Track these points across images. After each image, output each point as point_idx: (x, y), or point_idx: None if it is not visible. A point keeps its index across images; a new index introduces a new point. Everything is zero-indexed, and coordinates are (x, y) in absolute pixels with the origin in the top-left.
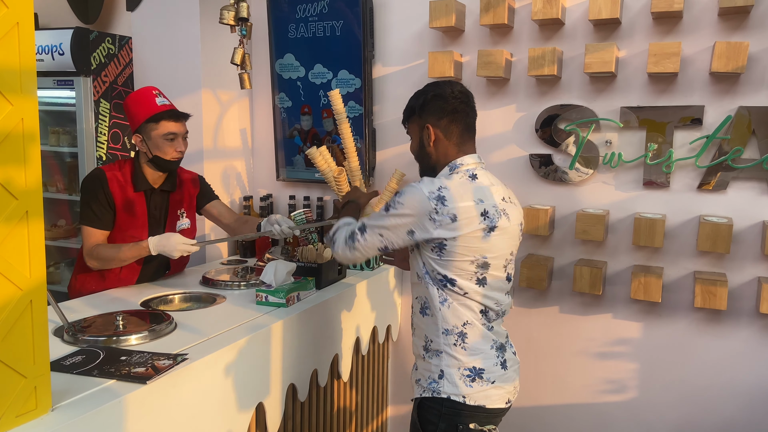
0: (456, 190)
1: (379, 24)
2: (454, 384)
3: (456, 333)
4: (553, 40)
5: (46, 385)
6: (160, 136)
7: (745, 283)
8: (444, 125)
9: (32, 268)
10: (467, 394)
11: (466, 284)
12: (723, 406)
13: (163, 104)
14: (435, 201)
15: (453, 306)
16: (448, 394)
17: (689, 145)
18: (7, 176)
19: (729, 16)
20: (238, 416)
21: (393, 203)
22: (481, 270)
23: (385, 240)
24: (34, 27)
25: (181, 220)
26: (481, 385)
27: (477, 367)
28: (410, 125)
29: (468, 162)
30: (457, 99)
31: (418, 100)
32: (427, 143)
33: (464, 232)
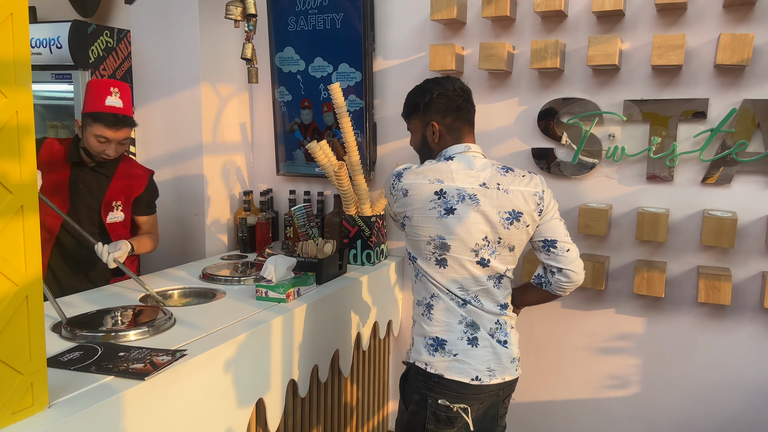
0: (417, 170)
1: (380, 17)
2: (419, 351)
3: (424, 304)
4: (555, 32)
5: (42, 381)
6: (92, 134)
7: (750, 277)
8: (448, 122)
9: (28, 263)
10: (428, 361)
11: (424, 264)
12: (726, 402)
13: (110, 106)
14: (394, 177)
15: (422, 280)
16: (414, 359)
17: (693, 139)
18: (2, 170)
19: (734, 8)
20: (238, 412)
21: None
22: (439, 251)
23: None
24: (32, 20)
25: (114, 212)
26: (443, 355)
27: (439, 338)
28: (413, 121)
29: (454, 150)
30: (460, 96)
31: (422, 97)
32: (432, 139)
33: (415, 207)
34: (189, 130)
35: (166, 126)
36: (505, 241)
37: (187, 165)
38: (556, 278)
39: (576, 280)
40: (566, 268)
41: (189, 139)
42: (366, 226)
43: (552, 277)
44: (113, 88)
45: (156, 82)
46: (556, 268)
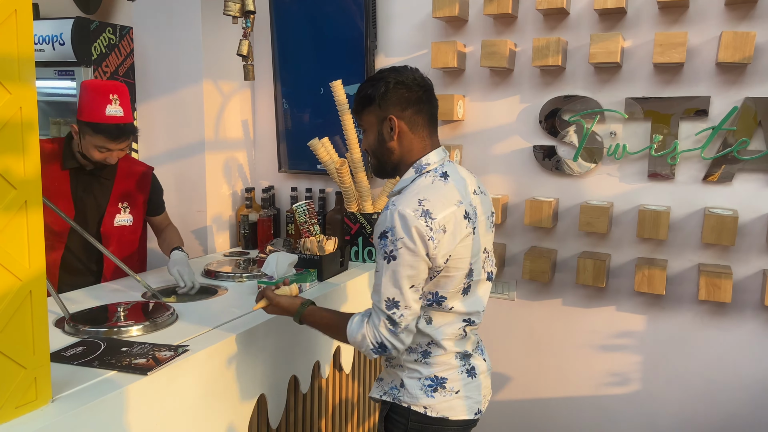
0: (435, 198)
1: (382, 14)
2: (414, 394)
3: (419, 352)
4: (557, 30)
5: (46, 376)
6: (92, 144)
7: (750, 275)
8: (408, 116)
9: (31, 259)
10: (429, 405)
11: (453, 299)
12: (727, 399)
13: (111, 115)
14: (423, 217)
15: (421, 326)
16: (408, 404)
17: (695, 137)
18: (6, 166)
19: (736, 6)
20: (239, 408)
21: (389, 243)
22: (467, 279)
23: (417, 282)
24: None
25: (122, 214)
26: (444, 395)
27: (439, 377)
28: (365, 117)
29: (434, 160)
30: (421, 87)
31: (376, 88)
32: (389, 137)
33: (458, 241)
34: (191, 126)
35: (168, 123)
36: (490, 247)
37: (190, 162)
38: None
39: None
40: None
41: (191, 136)
42: (368, 223)
43: None
44: (113, 95)
45: (158, 79)
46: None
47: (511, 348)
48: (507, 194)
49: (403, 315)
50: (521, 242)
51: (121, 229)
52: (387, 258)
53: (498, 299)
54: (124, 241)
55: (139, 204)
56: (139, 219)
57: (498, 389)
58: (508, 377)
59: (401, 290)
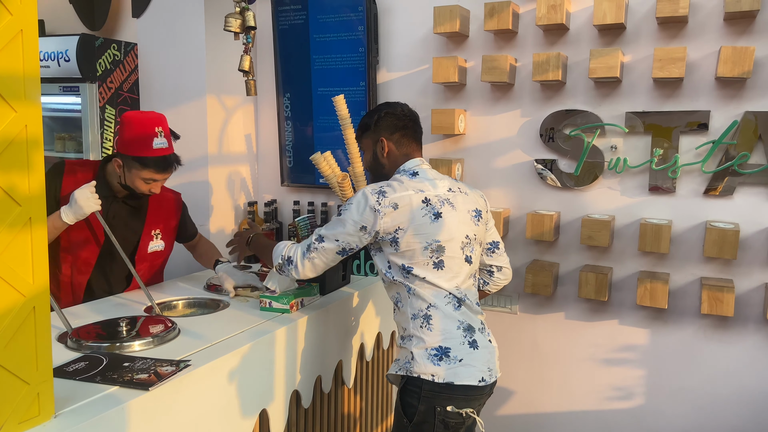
0: (395, 186)
1: (384, 30)
2: (423, 363)
3: (421, 316)
4: (557, 45)
5: (48, 391)
6: (139, 177)
7: (753, 289)
8: (396, 139)
9: (35, 275)
10: (435, 372)
11: (422, 271)
12: (730, 414)
13: (158, 148)
14: (376, 195)
15: (417, 291)
16: (418, 373)
17: (695, 151)
18: (11, 183)
19: (734, 21)
20: (241, 423)
21: (343, 207)
22: (436, 254)
23: (342, 242)
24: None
25: (155, 240)
26: (449, 363)
27: (443, 347)
28: (364, 140)
29: (409, 166)
30: (407, 117)
31: (372, 117)
32: (381, 154)
33: (409, 217)
34: (195, 141)
35: None
36: (477, 237)
37: (193, 175)
38: (497, 276)
39: (510, 275)
40: (505, 266)
41: (195, 150)
42: None
43: (491, 276)
44: (158, 128)
45: (162, 95)
46: (497, 267)
47: (514, 361)
48: (508, 208)
49: (318, 249)
50: (523, 256)
51: (153, 255)
52: (338, 212)
53: (500, 313)
54: (154, 267)
55: (171, 229)
56: (169, 244)
57: (500, 403)
58: (510, 391)
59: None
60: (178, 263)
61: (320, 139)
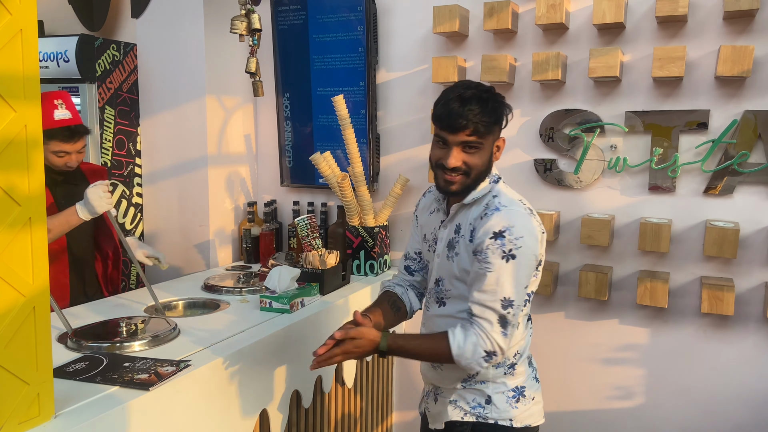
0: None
1: (383, 30)
2: (501, 409)
3: (507, 365)
4: (557, 44)
5: (49, 391)
6: (50, 151)
7: (753, 288)
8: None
9: (35, 275)
10: (514, 416)
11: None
12: (730, 413)
13: (60, 119)
14: (532, 215)
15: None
16: (495, 419)
17: (695, 150)
18: (10, 183)
19: (734, 20)
20: (242, 423)
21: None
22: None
23: (533, 286)
24: (40, 34)
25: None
26: (525, 404)
27: (519, 386)
28: (490, 137)
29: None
30: None
31: (503, 112)
32: (495, 155)
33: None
34: (194, 141)
35: (171, 138)
36: None
37: (192, 176)
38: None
39: None
40: None
41: (194, 151)
42: (369, 237)
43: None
44: (57, 101)
45: (162, 95)
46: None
47: None
48: None
49: (516, 315)
50: None
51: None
52: (506, 257)
53: None
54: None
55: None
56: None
57: None
58: None
59: (517, 289)
60: (177, 264)
61: (320, 139)
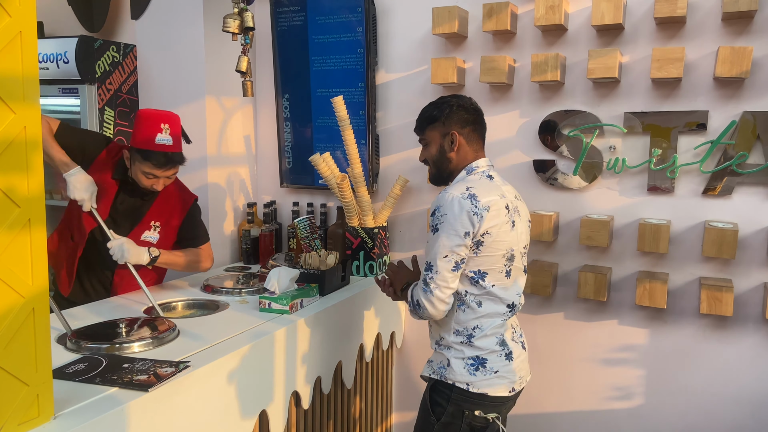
0: (481, 187)
1: (382, 31)
2: (459, 372)
3: (465, 335)
4: (555, 45)
5: (48, 392)
6: (140, 170)
7: (752, 288)
8: (467, 133)
9: (34, 276)
10: (471, 381)
11: (494, 279)
12: (730, 413)
13: (160, 144)
14: (469, 199)
15: (474, 301)
16: (453, 381)
17: (694, 151)
18: (10, 184)
19: (733, 21)
20: (241, 424)
21: (435, 220)
22: (509, 262)
23: (453, 257)
24: (40, 35)
25: (151, 231)
26: (485, 374)
27: (480, 357)
28: (429, 132)
29: (482, 165)
30: (477, 111)
31: (441, 110)
32: (450, 149)
33: (497, 222)
34: (194, 142)
35: None
36: (528, 246)
37: (192, 177)
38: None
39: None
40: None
41: (193, 152)
42: (369, 238)
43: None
44: (164, 125)
45: (161, 96)
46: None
47: None
48: None
49: (433, 278)
50: None
51: (143, 244)
52: (432, 230)
53: None
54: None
55: (171, 227)
56: (166, 240)
57: None
58: None
59: (436, 258)
60: None
61: (319, 140)
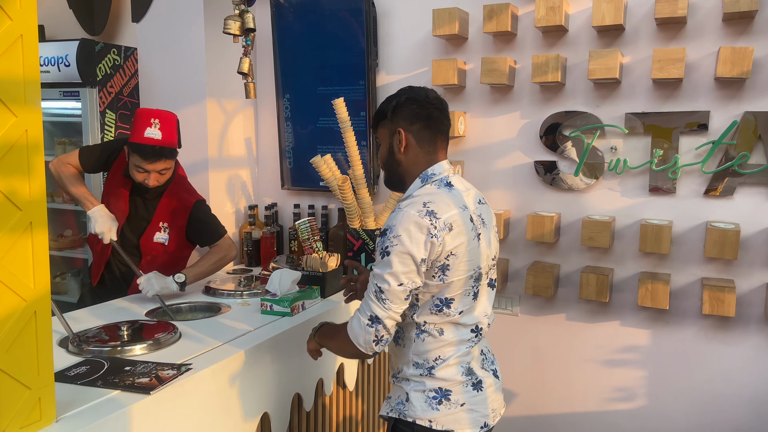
0: (440, 201)
1: (383, 32)
2: (420, 408)
3: (426, 367)
4: (556, 46)
5: (50, 396)
6: (132, 164)
7: (754, 289)
8: (416, 130)
9: (36, 279)
10: (433, 418)
11: (463, 302)
12: (732, 414)
13: (149, 137)
14: (428, 216)
15: (427, 339)
16: (413, 418)
17: (695, 151)
18: (12, 187)
19: (733, 22)
20: (242, 426)
21: (386, 241)
22: (476, 283)
23: (408, 283)
24: (41, 39)
25: (161, 233)
26: (449, 408)
27: (443, 388)
28: (380, 130)
29: (438, 171)
30: (432, 105)
31: (389, 103)
32: (397, 149)
33: (462, 241)
34: (195, 145)
35: None
36: (497, 256)
37: (193, 179)
38: None
39: None
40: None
41: (195, 154)
42: (370, 240)
43: None
44: (154, 119)
45: (163, 99)
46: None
47: (515, 363)
48: (509, 209)
49: (384, 309)
50: (524, 257)
51: (156, 246)
52: (382, 253)
53: (501, 314)
54: (157, 258)
55: (178, 228)
56: (175, 241)
57: None
58: (512, 393)
59: (389, 282)
60: None
61: (320, 141)
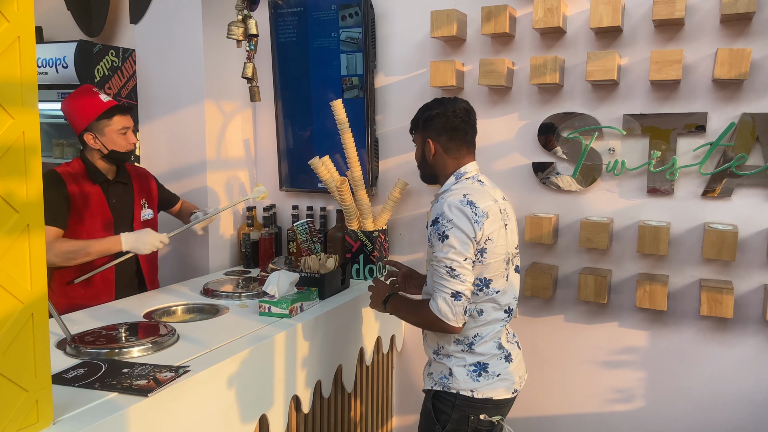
0: (477, 193)
1: (381, 34)
2: (463, 380)
3: (467, 343)
4: (554, 48)
5: (47, 398)
6: (114, 131)
7: (752, 290)
8: (444, 141)
9: (33, 281)
10: (475, 388)
11: (497, 284)
12: (730, 415)
13: (109, 101)
14: (468, 206)
15: (468, 319)
16: (457, 389)
17: (693, 152)
18: (8, 189)
19: (731, 23)
20: (240, 428)
21: (441, 227)
22: (507, 266)
23: (470, 256)
24: (39, 40)
25: (144, 210)
26: (488, 378)
27: (482, 362)
28: (415, 136)
29: (470, 170)
30: (459, 117)
31: (423, 114)
32: (428, 155)
33: (495, 227)
34: (193, 146)
35: (170, 142)
36: (517, 245)
37: (191, 181)
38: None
39: None
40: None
41: (193, 156)
42: (368, 241)
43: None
44: (94, 89)
45: (161, 100)
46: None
47: None
48: None
49: (461, 273)
50: (522, 258)
51: (146, 223)
52: (441, 238)
53: None
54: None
55: (153, 198)
56: (155, 212)
57: None
58: None
59: (456, 259)
60: (175, 268)
61: (319, 143)
